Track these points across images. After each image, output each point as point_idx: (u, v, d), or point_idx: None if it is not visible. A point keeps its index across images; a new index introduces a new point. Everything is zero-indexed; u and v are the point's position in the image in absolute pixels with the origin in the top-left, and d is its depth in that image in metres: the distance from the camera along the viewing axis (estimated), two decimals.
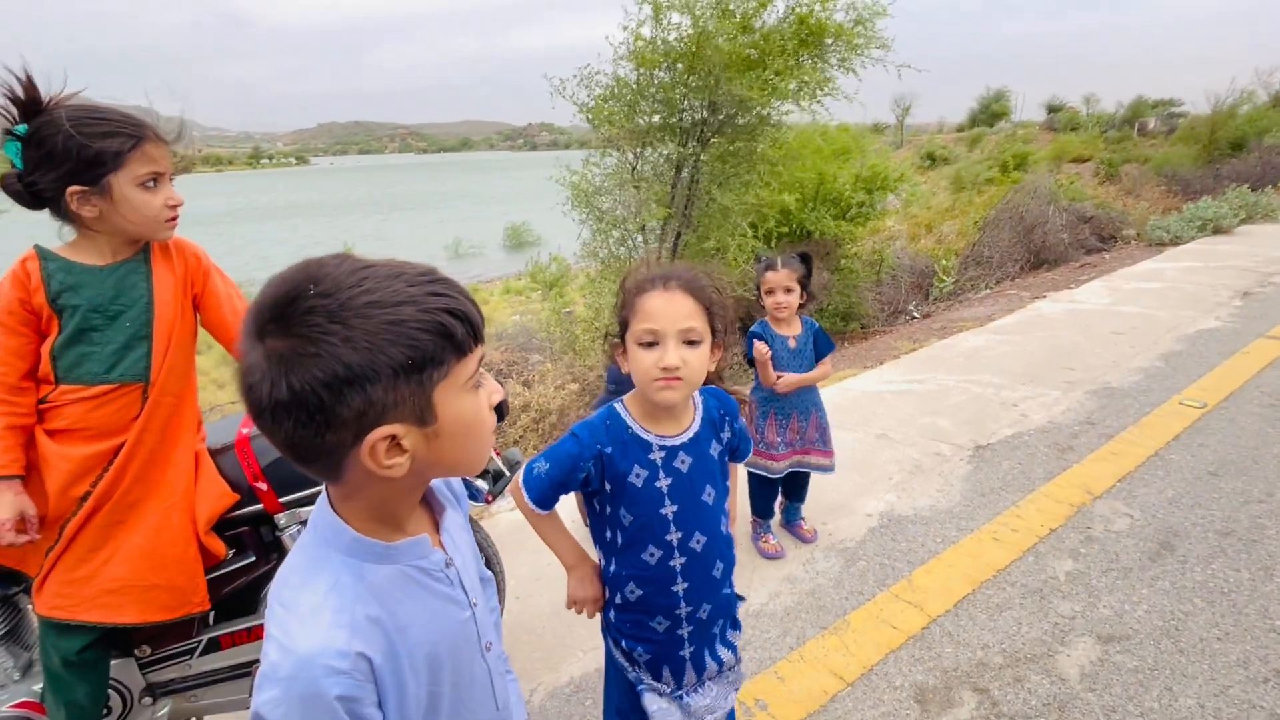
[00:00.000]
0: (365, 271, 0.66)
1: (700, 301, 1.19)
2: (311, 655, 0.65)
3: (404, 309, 0.65)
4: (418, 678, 0.75)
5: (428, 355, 0.66)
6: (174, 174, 1.39)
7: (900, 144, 42.20)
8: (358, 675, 0.67)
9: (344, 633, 0.68)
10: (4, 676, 1.47)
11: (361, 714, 0.68)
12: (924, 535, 2.76)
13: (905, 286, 9.28)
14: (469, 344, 0.69)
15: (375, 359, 0.63)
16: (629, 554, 1.29)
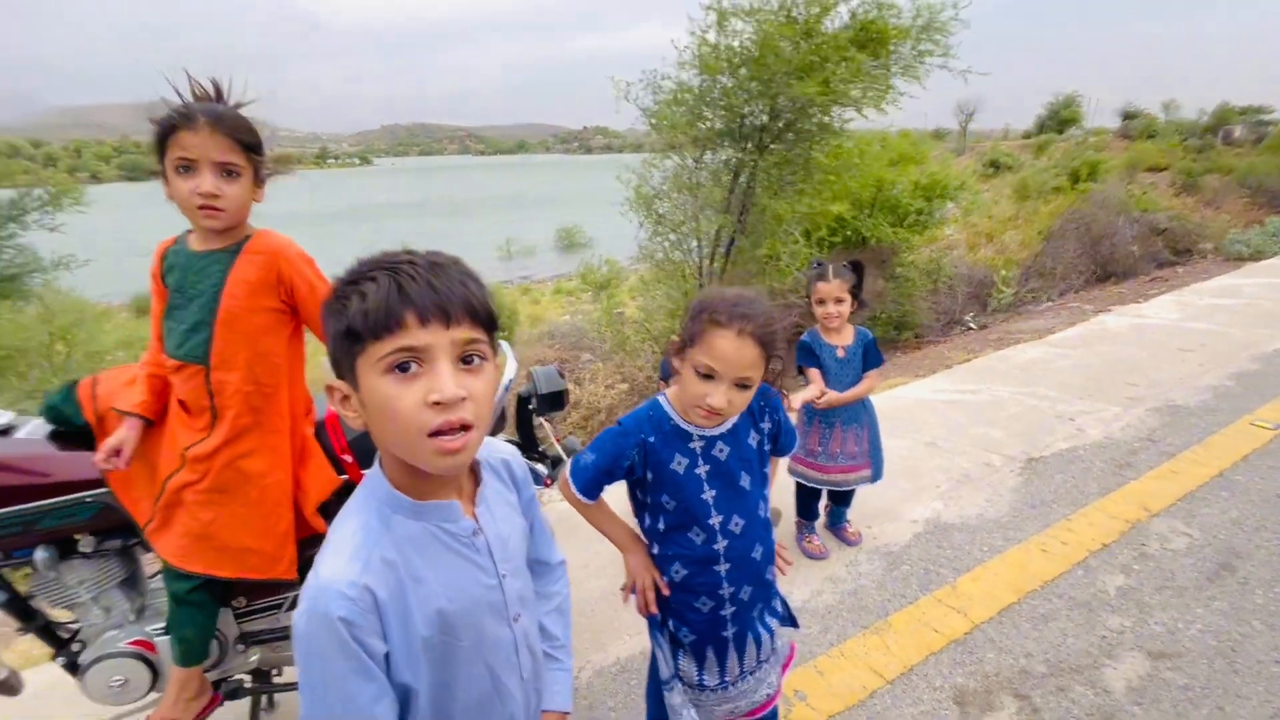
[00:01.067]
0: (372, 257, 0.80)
1: (766, 351, 1.24)
2: (328, 581, 0.78)
3: (342, 285, 0.78)
4: (427, 624, 0.83)
5: (349, 327, 0.76)
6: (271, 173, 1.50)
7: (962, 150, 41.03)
8: (361, 605, 0.77)
9: (358, 566, 0.79)
10: (122, 617, 1.66)
11: (362, 639, 0.78)
12: (970, 543, 2.76)
13: (962, 296, 9.08)
14: (383, 327, 0.74)
15: (326, 320, 0.80)
16: (673, 536, 1.37)
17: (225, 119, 1.38)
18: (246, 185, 1.44)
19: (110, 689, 1.60)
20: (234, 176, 1.41)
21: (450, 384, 0.76)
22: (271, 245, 1.50)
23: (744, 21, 6.04)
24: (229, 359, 1.49)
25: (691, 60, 6.38)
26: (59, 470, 1.51)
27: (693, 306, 1.29)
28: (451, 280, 0.78)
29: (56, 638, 1.68)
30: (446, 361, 0.76)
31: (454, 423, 0.76)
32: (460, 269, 0.81)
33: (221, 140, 1.37)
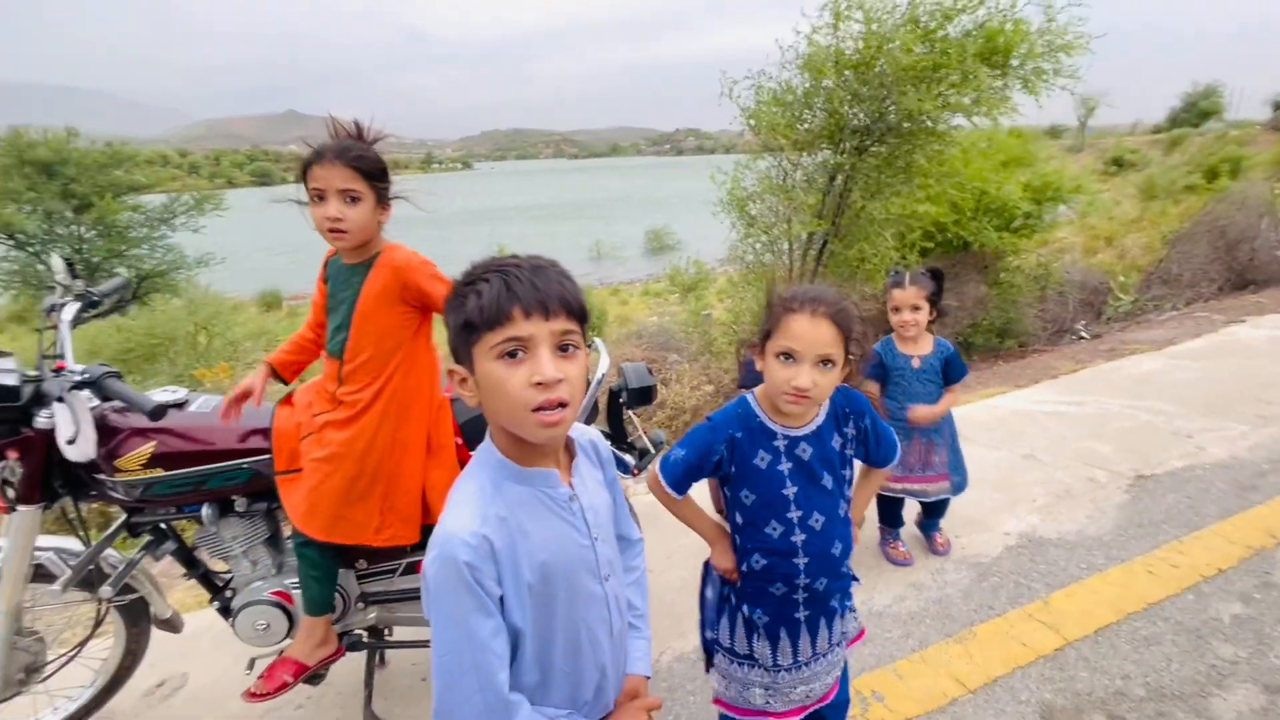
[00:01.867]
0: (489, 259, 0.94)
1: (842, 330, 1.29)
2: (453, 532, 0.91)
3: (460, 285, 0.92)
4: (532, 572, 0.95)
5: (466, 319, 0.90)
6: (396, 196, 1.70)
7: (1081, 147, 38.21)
8: (481, 551, 0.90)
9: (476, 520, 0.92)
10: (266, 570, 1.91)
11: (482, 581, 0.90)
12: (1066, 560, 2.65)
13: (1074, 304, 8.53)
14: (495, 320, 0.87)
15: (447, 313, 0.94)
16: (752, 529, 1.44)
17: (347, 152, 1.58)
18: (368, 209, 1.61)
19: (256, 631, 1.85)
20: (355, 202, 1.59)
21: (550, 367, 0.88)
22: (396, 260, 1.68)
23: (859, 24, 5.91)
24: (358, 354, 1.71)
25: (796, 60, 6.31)
26: (222, 439, 1.76)
27: (767, 302, 1.37)
28: (550, 279, 0.91)
29: (213, 585, 1.95)
30: (546, 348, 0.89)
31: (552, 400, 0.89)
32: (557, 270, 0.95)
33: (344, 170, 1.56)
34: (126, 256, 16.55)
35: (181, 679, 2.28)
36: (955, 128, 6.44)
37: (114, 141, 18.21)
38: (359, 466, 1.72)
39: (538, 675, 1.00)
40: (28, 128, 16.17)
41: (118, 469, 1.68)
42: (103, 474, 1.71)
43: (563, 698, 1.02)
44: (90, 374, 1.58)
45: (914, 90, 5.53)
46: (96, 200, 15.70)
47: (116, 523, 1.83)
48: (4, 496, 1.68)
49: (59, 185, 15.61)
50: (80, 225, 15.94)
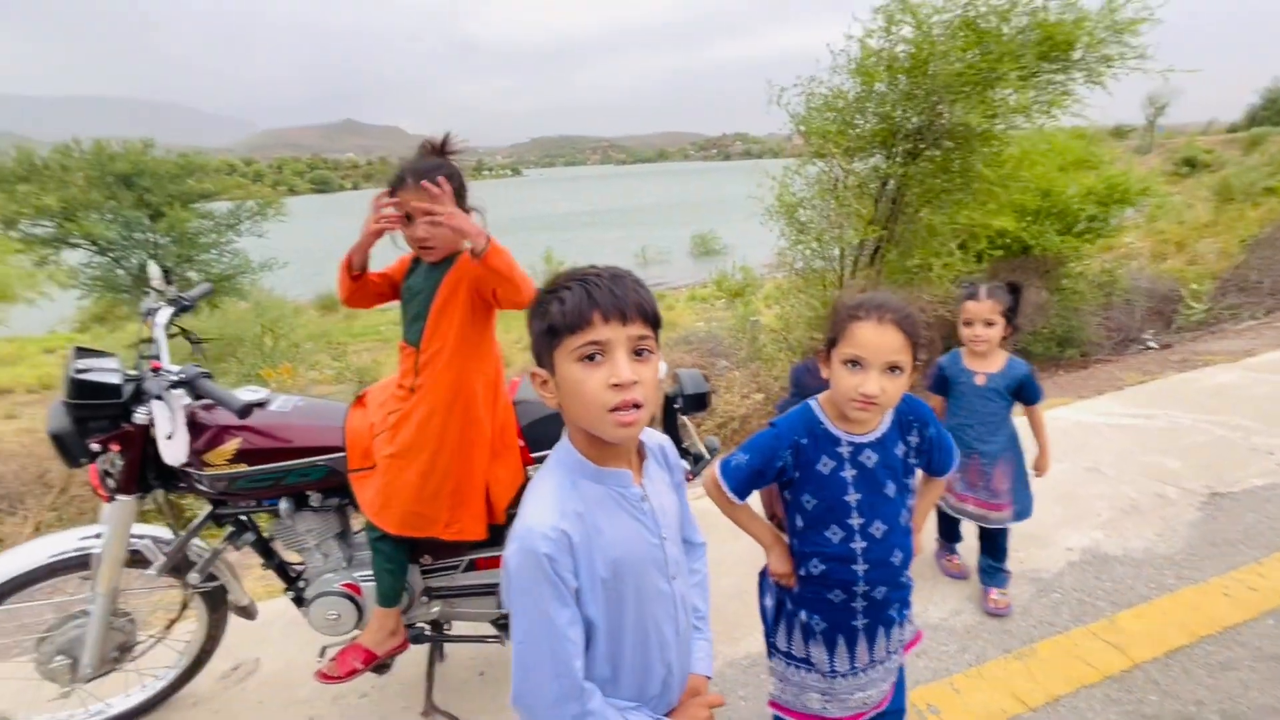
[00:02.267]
0: (571, 270, 1.00)
1: (909, 336, 1.30)
2: (534, 525, 0.96)
3: (543, 293, 0.98)
4: (606, 567, 1.00)
5: (548, 325, 0.95)
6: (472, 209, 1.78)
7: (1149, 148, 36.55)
8: (561, 544, 0.95)
9: (555, 514, 0.97)
10: (337, 563, 2.00)
11: (560, 573, 0.95)
12: (1133, 578, 2.56)
13: (1141, 312, 8.19)
14: (576, 325, 0.93)
15: (530, 319, 1.00)
16: (811, 533, 1.44)
17: (424, 174, 1.67)
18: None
19: (327, 621, 1.94)
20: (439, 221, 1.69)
21: (626, 369, 0.93)
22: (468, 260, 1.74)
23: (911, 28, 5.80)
24: (432, 344, 1.79)
25: (848, 64, 6.24)
26: (300, 438, 1.86)
27: (832, 310, 1.39)
28: (627, 288, 0.97)
29: (287, 575, 2.06)
30: (623, 352, 0.95)
31: (628, 401, 0.94)
32: (633, 279, 1.00)
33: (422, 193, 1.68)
34: (196, 261, 17.40)
35: (254, 664, 2.40)
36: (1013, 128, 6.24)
37: (186, 152, 19.19)
38: (430, 462, 1.79)
39: (608, 669, 1.04)
40: (108, 140, 17.20)
41: (206, 463, 1.80)
42: (192, 468, 1.82)
43: (631, 692, 1.06)
44: (185, 374, 1.70)
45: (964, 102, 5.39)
46: (169, 209, 16.57)
47: (203, 514, 1.95)
48: (105, 487, 1.82)
49: (136, 195, 16.55)
50: (154, 232, 16.85)
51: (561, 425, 1.93)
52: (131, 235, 16.53)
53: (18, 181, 15.32)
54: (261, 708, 2.19)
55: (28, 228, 15.51)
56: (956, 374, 2.41)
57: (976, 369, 2.38)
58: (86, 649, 1.88)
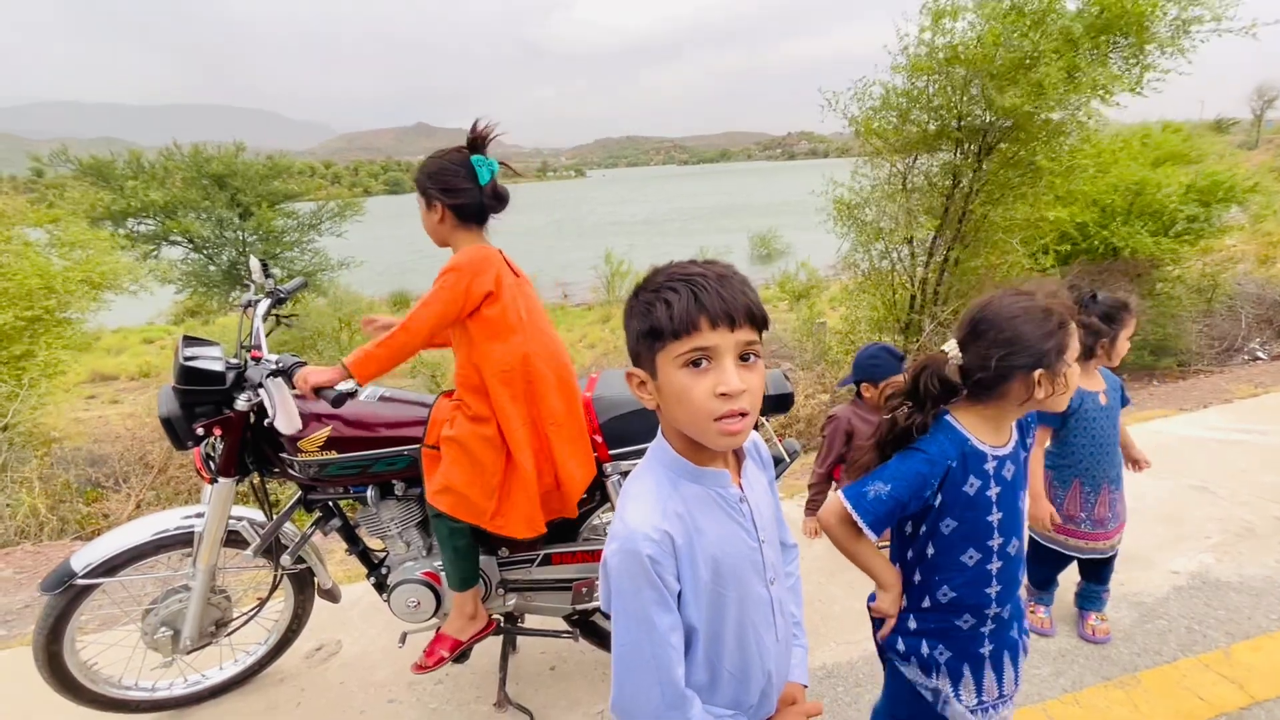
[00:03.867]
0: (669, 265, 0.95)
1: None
2: (636, 526, 0.92)
3: (645, 293, 0.92)
4: (707, 569, 0.96)
5: (651, 327, 0.90)
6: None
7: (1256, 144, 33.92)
8: (664, 546, 0.91)
9: (658, 515, 0.93)
10: (418, 552, 2.05)
11: (663, 576, 0.91)
12: (1251, 607, 2.36)
13: (1247, 320, 7.59)
14: (683, 330, 0.87)
15: (629, 321, 0.95)
16: (943, 559, 1.32)
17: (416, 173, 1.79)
18: (421, 215, 1.82)
19: (408, 608, 1.99)
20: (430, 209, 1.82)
21: (734, 378, 0.88)
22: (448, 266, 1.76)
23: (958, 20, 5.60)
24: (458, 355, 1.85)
25: (902, 64, 6.07)
26: (386, 428, 1.91)
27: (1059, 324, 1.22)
28: (735, 290, 0.90)
29: (370, 562, 2.11)
30: (730, 359, 0.89)
31: (734, 410, 0.89)
32: (740, 279, 0.93)
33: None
34: (280, 259, 18.34)
35: (336, 645, 2.48)
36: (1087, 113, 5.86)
37: (273, 155, 20.24)
38: (473, 455, 1.81)
39: (706, 676, 1.01)
40: (204, 144, 18.33)
41: (299, 449, 1.86)
42: (286, 454, 1.89)
43: (729, 699, 1.03)
44: (283, 363, 1.76)
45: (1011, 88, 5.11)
46: (257, 209, 17.52)
47: (294, 499, 2.03)
48: (207, 470, 1.91)
49: (228, 195, 17.58)
50: (244, 231, 17.84)
51: (644, 422, 1.91)
52: (223, 233, 17.56)
53: (126, 180, 16.52)
54: (342, 688, 2.27)
55: (133, 224, 16.68)
56: (1081, 399, 2.11)
57: (1095, 389, 2.13)
58: (187, 622, 1.99)
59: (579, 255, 28.51)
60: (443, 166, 1.78)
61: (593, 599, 2.00)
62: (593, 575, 2.00)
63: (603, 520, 2.13)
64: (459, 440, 1.82)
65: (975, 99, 5.82)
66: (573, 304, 21.66)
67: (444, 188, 1.78)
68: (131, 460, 5.24)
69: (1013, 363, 1.21)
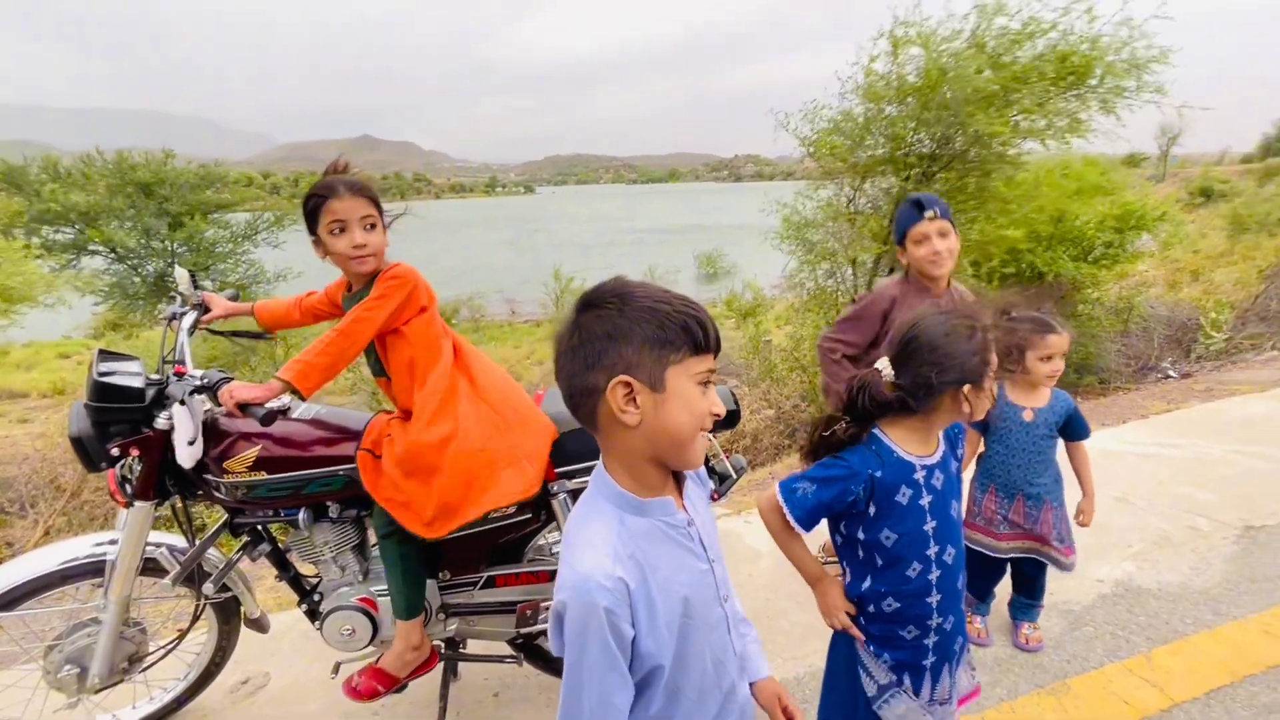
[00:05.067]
0: (647, 284, 0.96)
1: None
2: (589, 573, 0.89)
3: (662, 305, 0.92)
4: (667, 607, 0.95)
5: (668, 339, 0.90)
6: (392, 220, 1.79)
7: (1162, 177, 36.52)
8: (618, 594, 0.89)
9: (609, 561, 0.90)
10: (353, 576, 1.95)
11: (618, 625, 0.89)
12: (1169, 613, 2.48)
13: (1159, 340, 8.10)
14: (703, 347, 0.93)
15: (633, 328, 0.90)
16: (890, 572, 1.36)
17: (360, 184, 1.70)
18: (382, 232, 1.75)
19: (341, 636, 1.89)
20: (374, 229, 1.72)
21: (720, 402, 0.97)
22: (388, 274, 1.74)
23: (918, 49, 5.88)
24: (391, 365, 1.81)
25: (855, 89, 6.31)
26: (322, 447, 1.83)
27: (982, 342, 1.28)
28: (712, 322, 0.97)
29: (302, 588, 2.01)
30: (711, 385, 0.97)
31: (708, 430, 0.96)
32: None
33: (362, 200, 1.69)
34: (212, 270, 17.57)
35: (264, 678, 2.35)
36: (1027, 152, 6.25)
37: (206, 164, 19.46)
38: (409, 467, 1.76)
39: (665, 700, 0.99)
40: (131, 151, 17.48)
41: (225, 470, 1.76)
42: (211, 475, 1.79)
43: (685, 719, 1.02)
44: (209, 379, 1.67)
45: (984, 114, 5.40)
46: (188, 218, 16.76)
47: (219, 523, 1.91)
48: (122, 493, 1.78)
49: (156, 203, 16.76)
50: (172, 241, 17.03)
51: (582, 442, 1.89)
52: (150, 243, 16.73)
53: (43, 185, 15.57)
54: None
55: (49, 233, 15.72)
56: (1003, 409, 2.21)
57: (1024, 404, 2.20)
58: (96, 658, 1.84)
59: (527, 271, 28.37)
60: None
61: (538, 622, 1.95)
62: (538, 597, 1.95)
63: (548, 540, 2.08)
64: (401, 456, 1.76)
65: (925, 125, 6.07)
66: (520, 320, 21.47)
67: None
68: (41, 483, 4.88)
69: (943, 379, 1.27)
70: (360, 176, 1.76)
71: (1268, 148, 43.36)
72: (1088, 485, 2.29)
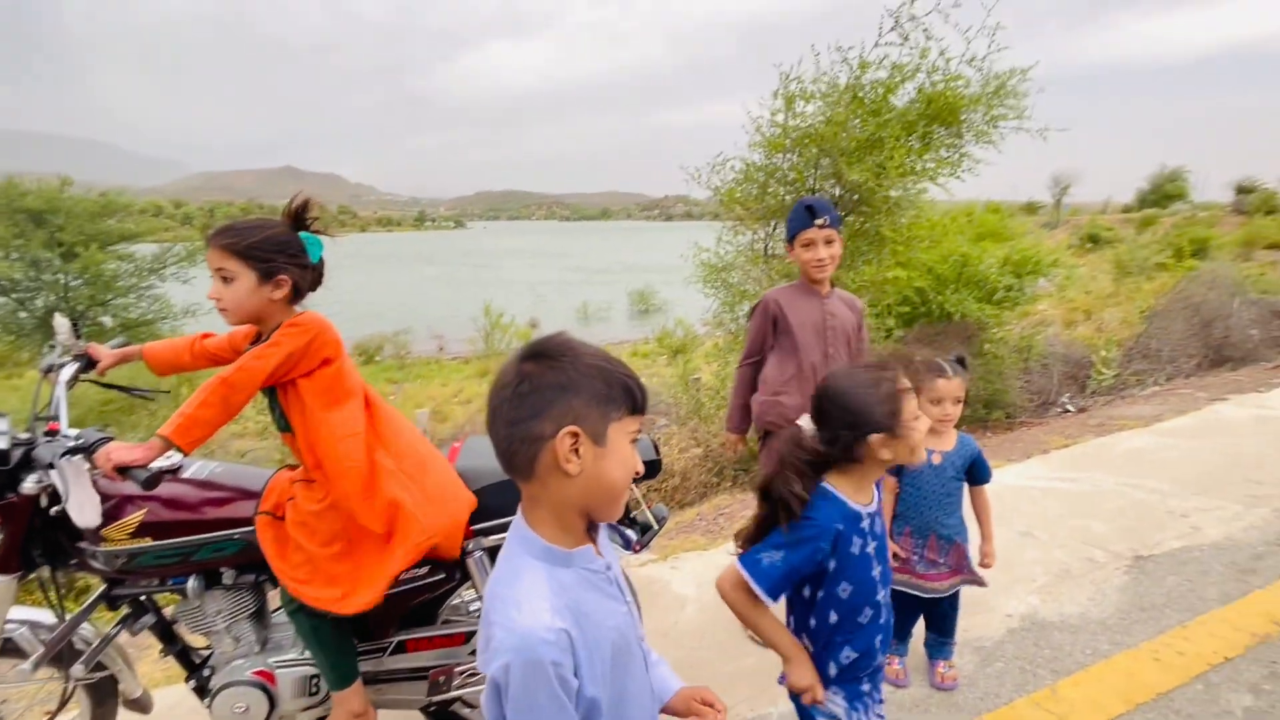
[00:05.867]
0: (588, 344, 1.00)
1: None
2: (531, 630, 0.88)
3: (607, 365, 0.97)
4: (601, 655, 0.96)
5: (613, 397, 0.95)
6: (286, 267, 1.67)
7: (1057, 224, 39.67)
8: (562, 645, 0.89)
9: (548, 614, 0.91)
10: (249, 647, 1.81)
11: (565, 677, 0.89)
12: (1071, 644, 2.60)
13: (1058, 376, 8.67)
14: (639, 409, 0.98)
15: (584, 382, 0.94)
16: (845, 623, 1.40)
17: (218, 236, 1.61)
18: (245, 286, 1.60)
19: (234, 714, 1.74)
20: (229, 281, 1.61)
21: (640, 460, 1.02)
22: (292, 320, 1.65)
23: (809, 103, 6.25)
24: (292, 420, 1.69)
25: (759, 141, 6.64)
26: (216, 509, 1.70)
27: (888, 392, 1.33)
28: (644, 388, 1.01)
29: (190, 662, 1.85)
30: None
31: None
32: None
33: (215, 252, 1.61)
34: (111, 305, 16.44)
35: None
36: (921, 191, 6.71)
37: (109, 191, 18.35)
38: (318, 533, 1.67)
39: None
40: (23, 176, 16.32)
41: (103, 538, 1.62)
42: (86, 543, 1.63)
43: None
44: (85, 439, 1.53)
45: (857, 165, 5.79)
46: (83, 249, 15.68)
47: (95, 595, 1.74)
48: None
49: (47, 233, 15.61)
50: (66, 273, 15.87)
51: (501, 497, 1.84)
52: (40, 276, 15.53)
53: None
54: None
55: None
56: None
57: (932, 447, 2.25)
58: None
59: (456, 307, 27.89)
60: (288, 238, 1.64)
61: (451, 689, 1.85)
62: (451, 662, 1.86)
63: (463, 599, 2.00)
64: (301, 512, 1.67)
65: (825, 173, 6.43)
66: (448, 357, 20.98)
67: (297, 261, 1.64)
68: None
69: (857, 432, 1.33)
70: (231, 227, 1.64)
71: (1143, 199, 47.96)
72: (988, 529, 2.36)
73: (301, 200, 1.68)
